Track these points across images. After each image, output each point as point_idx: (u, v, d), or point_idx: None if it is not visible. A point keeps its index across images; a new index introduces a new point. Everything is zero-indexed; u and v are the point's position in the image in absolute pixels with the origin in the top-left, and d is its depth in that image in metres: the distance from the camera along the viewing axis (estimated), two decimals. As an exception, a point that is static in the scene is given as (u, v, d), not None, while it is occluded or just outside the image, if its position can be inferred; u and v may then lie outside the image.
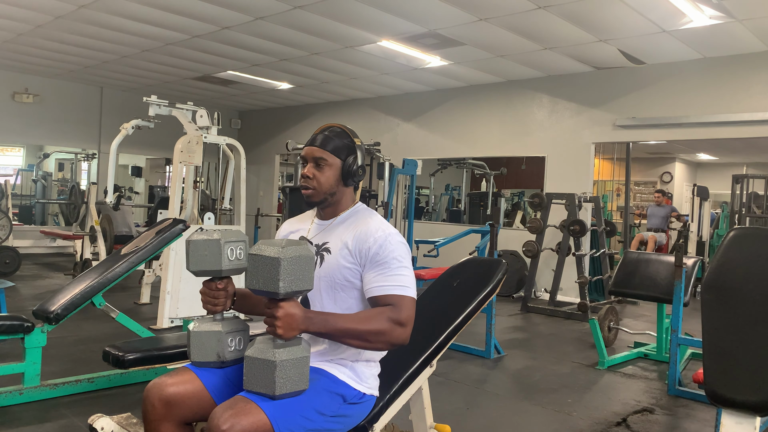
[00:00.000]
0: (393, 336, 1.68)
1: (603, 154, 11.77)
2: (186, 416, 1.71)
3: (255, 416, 1.52)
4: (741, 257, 1.91)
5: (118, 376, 3.44)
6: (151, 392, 1.70)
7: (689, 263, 4.37)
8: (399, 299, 1.71)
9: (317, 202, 1.84)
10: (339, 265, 1.76)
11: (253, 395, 1.57)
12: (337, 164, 1.82)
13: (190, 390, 1.71)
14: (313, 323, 1.60)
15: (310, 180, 1.81)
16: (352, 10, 5.69)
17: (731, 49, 6.36)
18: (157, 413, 1.68)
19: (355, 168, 1.83)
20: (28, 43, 7.55)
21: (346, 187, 1.86)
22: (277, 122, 11.71)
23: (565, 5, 5.30)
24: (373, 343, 1.67)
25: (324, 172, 1.81)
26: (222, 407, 1.54)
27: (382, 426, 1.90)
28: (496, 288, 2.40)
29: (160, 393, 1.69)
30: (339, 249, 1.77)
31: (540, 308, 6.69)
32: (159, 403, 1.68)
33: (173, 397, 1.68)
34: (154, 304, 5.80)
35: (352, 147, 1.84)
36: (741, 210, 8.40)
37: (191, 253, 1.70)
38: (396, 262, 1.73)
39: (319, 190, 1.81)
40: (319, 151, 1.80)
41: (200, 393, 1.72)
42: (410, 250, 1.86)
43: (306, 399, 1.62)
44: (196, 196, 5.61)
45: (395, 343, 1.69)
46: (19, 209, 11.48)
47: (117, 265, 3.47)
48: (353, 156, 1.83)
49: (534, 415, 3.45)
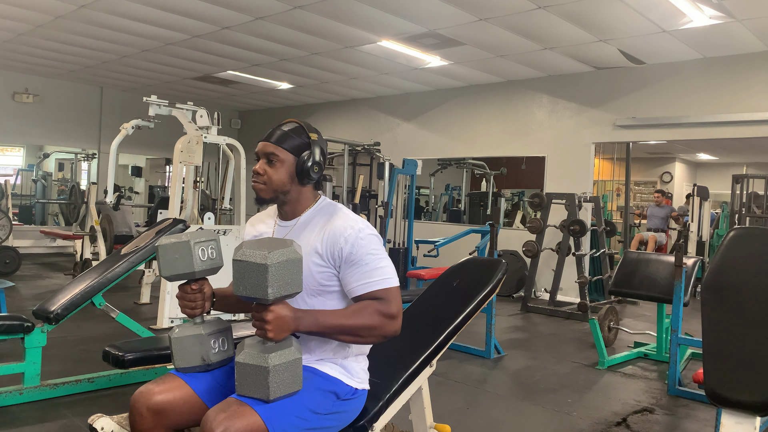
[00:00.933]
0: (385, 329, 1.67)
1: (603, 154, 11.76)
2: (177, 423, 1.68)
3: (249, 419, 1.50)
4: (741, 257, 1.91)
5: (118, 376, 3.44)
6: (138, 401, 1.65)
7: (689, 263, 4.37)
8: (384, 292, 1.68)
9: (267, 200, 1.78)
10: (310, 271, 1.70)
11: (246, 397, 1.56)
12: (290, 160, 1.75)
13: (179, 396, 1.67)
14: (303, 323, 1.57)
15: (261, 176, 1.75)
16: (352, 10, 5.69)
17: (731, 49, 6.36)
18: (146, 423, 1.64)
19: (310, 165, 1.75)
20: (28, 43, 7.55)
21: (302, 185, 1.78)
22: (277, 122, 11.35)
23: (565, 5, 5.30)
24: (365, 337, 1.67)
25: (276, 169, 1.74)
26: (215, 410, 1.52)
27: (382, 426, 1.90)
28: (496, 288, 2.40)
29: (147, 402, 1.64)
30: (308, 254, 1.70)
31: (540, 308, 6.69)
32: (147, 413, 1.63)
33: (161, 406, 1.64)
34: (154, 304, 5.80)
35: (307, 143, 1.77)
36: (741, 210, 8.40)
37: (162, 257, 1.65)
38: (371, 257, 1.68)
39: (269, 187, 1.75)
40: (272, 146, 1.76)
41: (190, 398, 1.69)
42: (382, 239, 1.84)
43: (299, 399, 1.61)
44: (196, 196, 5.61)
45: (387, 335, 1.69)
46: (19, 209, 11.48)
47: (117, 265, 3.47)
48: (308, 152, 1.76)
49: (534, 415, 3.45)
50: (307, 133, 1.79)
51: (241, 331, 2.61)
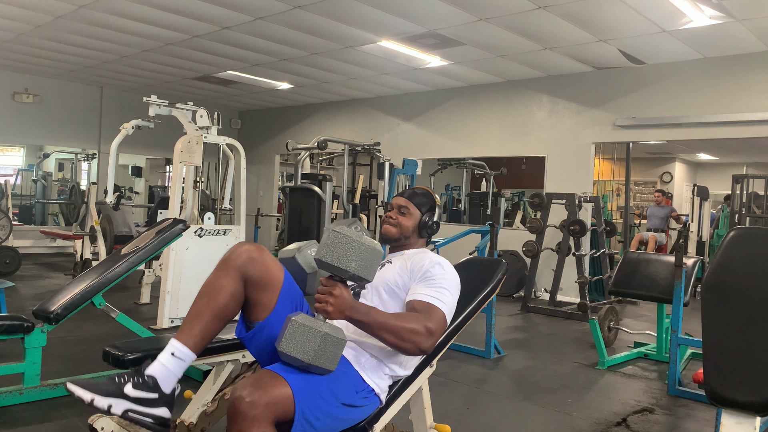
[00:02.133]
0: (422, 339, 1.77)
1: (603, 154, 11.76)
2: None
3: (280, 389, 1.58)
4: (741, 257, 1.91)
5: (118, 376, 3.43)
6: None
7: (689, 263, 4.37)
8: (433, 309, 1.85)
9: (393, 239, 2.14)
10: (395, 273, 1.99)
11: (280, 368, 1.62)
12: (416, 215, 2.15)
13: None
14: (357, 312, 1.70)
15: (393, 220, 2.14)
16: (352, 10, 5.69)
17: (731, 49, 6.36)
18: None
19: (431, 223, 2.17)
20: (28, 43, 7.55)
21: (420, 237, 2.18)
22: (277, 122, 11.71)
23: (565, 5, 5.30)
24: (405, 341, 1.76)
25: (406, 219, 2.14)
26: (247, 380, 1.59)
27: (382, 426, 1.91)
28: (496, 288, 2.41)
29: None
30: (399, 264, 2.03)
31: (540, 308, 6.69)
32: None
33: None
34: (154, 304, 5.80)
35: (432, 206, 2.18)
36: (741, 210, 8.40)
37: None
38: (442, 281, 1.93)
39: (398, 230, 2.13)
40: (405, 201, 2.16)
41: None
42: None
43: (325, 380, 1.69)
44: (196, 196, 5.61)
45: (422, 347, 1.78)
46: (19, 209, 11.48)
47: (117, 265, 3.46)
48: (431, 213, 2.17)
49: (534, 415, 3.45)
50: (432, 198, 2.21)
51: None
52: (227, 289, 1.79)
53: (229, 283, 1.79)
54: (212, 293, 1.80)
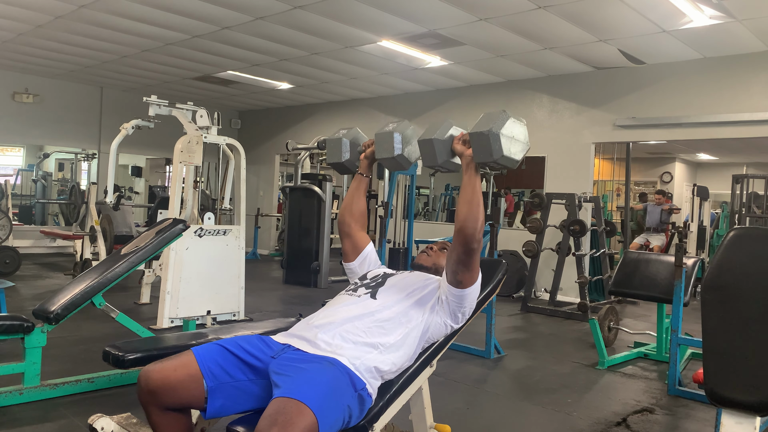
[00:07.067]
0: (478, 234, 1.96)
1: (603, 154, 11.76)
2: (171, 404, 1.79)
3: (303, 422, 1.57)
4: (741, 257, 1.90)
5: (118, 376, 3.44)
6: (140, 378, 1.80)
7: (689, 263, 4.37)
8: None
9: (424, 268, 2.32)
10: (417, 277, 2.18)
11: (300, 395, 1.61)
12: None
13: (179, 377, 1.78)
14: (473, 168, 2.05)
15: (433, 253, 2.37)
16: (352, 10, 5.69)
17: (731, 49, 6.36)
18: (143, 398, 1.80)
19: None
20: (28, 43, 7.55)
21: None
22: (277, 122, 11.71)
23: (565, 5, 5.30)
24: (475, 212, 1.95)
25: (442, 258, 2.32)
26: (265, 421, 1.55)
27: (382, 426, 1.91)
28: (496, 288, 2.41)
29: (145, 381, 1.78)
30: (423, 275, 2.22)
31: (540, 308, 6.69)
32: (143, 391, 1.79)
33: (156, 386, 1.76)
34: (154, 304, 5.80)
35: None
36: (741, 210, 8.40)
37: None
38: None
39: (432, 263, 2.34)
40: (447, 244, 2.32)
41: (192, 379, 1.79)
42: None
43: (340, 395, 1.73)
44: (196, 196, 5.61)
45: (477, 235, 1.95)
46: (19, 209, 11.49)
47: (117, 265, 3.46)
48: None
49: (534, 415, 3.46)
50: None
51: (241, 331, 2.61)
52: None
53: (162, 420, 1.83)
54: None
